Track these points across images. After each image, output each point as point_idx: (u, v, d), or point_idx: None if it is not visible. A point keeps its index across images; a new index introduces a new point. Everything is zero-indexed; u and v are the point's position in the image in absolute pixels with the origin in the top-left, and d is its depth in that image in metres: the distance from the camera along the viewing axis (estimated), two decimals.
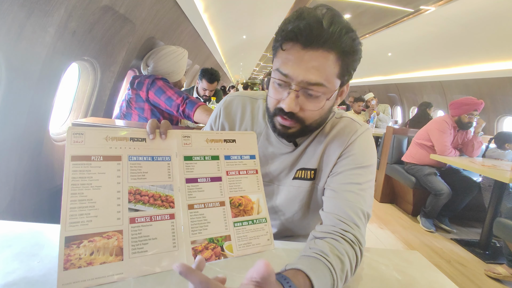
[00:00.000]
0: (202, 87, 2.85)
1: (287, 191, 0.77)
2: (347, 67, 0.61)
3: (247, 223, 0.65)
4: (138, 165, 0.59)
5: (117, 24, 1.75)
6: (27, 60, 1.19)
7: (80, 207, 0.52)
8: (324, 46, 0.57)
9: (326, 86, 0.60)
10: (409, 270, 0.67)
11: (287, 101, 0.62)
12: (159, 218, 0.57)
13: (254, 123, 0.79)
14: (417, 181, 2.90)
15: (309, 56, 0.57)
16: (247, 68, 17.73)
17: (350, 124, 0.74)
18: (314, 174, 0.75)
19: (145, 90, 1.76)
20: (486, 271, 2.11)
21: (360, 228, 0.63)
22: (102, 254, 0.51)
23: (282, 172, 0.77)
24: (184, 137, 0.65)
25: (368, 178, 0.69)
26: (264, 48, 9.48)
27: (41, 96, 1.35)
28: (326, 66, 0.58)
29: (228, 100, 0.82)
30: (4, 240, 0.61)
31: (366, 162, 0.70)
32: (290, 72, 0.59)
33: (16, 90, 1.20)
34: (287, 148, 0.76)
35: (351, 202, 0.65)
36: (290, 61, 0.59)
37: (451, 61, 4.72)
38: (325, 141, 0.73)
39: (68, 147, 0.54)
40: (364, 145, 0.71)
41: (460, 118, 2.78)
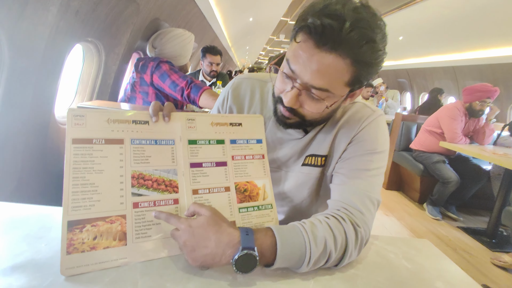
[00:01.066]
0: (208, 63, 2.78)
1: (296, 178, 0.75)
2: (359, 77, 0.56)
3: (253, 209, 0.63)
4: (141, 148, 0.57)
5: (121, 4, 1.70)
6: (30, 40, 1.17)
7: (82, 191, 0.51)
8: (339, 51, 0.51)
9: (331, 92, 0.56)
10: (418, 258, 0.66)
11: (287, 96, 0.59)
12: (163, 203, 0.56)
13: (263, 107, 0.77)
14: (425, 169, 2.86)
15: (320, 58, 0.52)
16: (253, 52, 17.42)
17: (362, 109, 0.71)
18: (324, 160, 0.73)
19: (150, 74, 1.73)
20: (492, 260, 2.10)
21: (364, 215, 0.61)
22: (106, 238, 0.51)
23: (291, 159, 0.75)
24: (188, 120, 0.63)
25: (378, 164, 0.67)
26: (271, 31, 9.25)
27: (45, 77, 1.34)
28: (335, 72, 0.53)
29: (236, 83, 0.79)
30: (12, 222, 0.61)
31: (377, 148, 0.67)
32: (297, 69, 0.55)
33: (20, 71, 1.18)
34: (297, 134, 0.73)
35: (357, 188, 0.63)
36: (300, 58, 0.54)
37: (465, 45, 4.54)
38: (336, 127, 0.71)
39: (69, 129, 0.53)
40: (376, 131, 0.69)
41: (472, 105, 2.69)
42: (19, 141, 1.31)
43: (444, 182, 2.64)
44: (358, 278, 0.56)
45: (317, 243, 0.53)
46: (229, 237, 0.50)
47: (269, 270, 0.54)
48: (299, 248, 0.52)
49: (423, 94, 6.61)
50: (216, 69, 2.83)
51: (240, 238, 0.50)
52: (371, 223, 0.62)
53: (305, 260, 0.52)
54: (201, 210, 0.54)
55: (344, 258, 0.56)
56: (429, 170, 2.82)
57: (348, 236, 0.56)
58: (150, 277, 0.49)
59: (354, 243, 0.57)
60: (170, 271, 0.51)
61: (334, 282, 0.54)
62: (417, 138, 3.04)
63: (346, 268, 0.58)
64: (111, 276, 0.49)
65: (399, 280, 0.57)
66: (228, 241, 0.50)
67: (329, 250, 0.54)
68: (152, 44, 1.96)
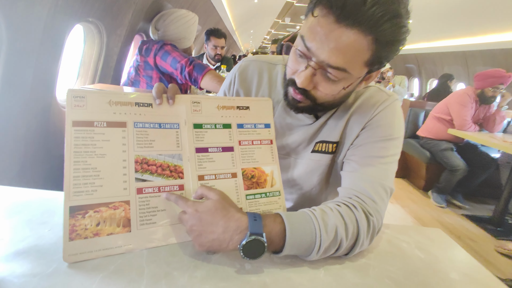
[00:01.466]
0: (212, 46, 2.71)
1: (305, 165, 0.72)
2: (380, 56, 0.52)
3: (260, 196, 0.62)
4: (144, 132, 0.55)
5: None
6: (28, 19, 1.13)
7: (84, 175, 0.49)
8: (360, 27, 0.47)
9: (348, 73, 0.52)
10: (431, 248, 0.64)
11: (301, 76, 0.55)
12: (168, 189, 0.55)
13: (271, 90, 0.73)
14: (432, 156, 2.82)
15: (340, 34, 0.48)
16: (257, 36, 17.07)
17: (376, 93, 0.68)
18: (335, 147, 0.70)
19: (153, 56, 1.70)
20: (496, 247, 2.09)
21: (377, 203, 0.58)
22: (109, 225, 0.50)
23: (301, 145, 0.72)
24: (193, 102, 0.60)
25: (393, 151, 0.64)
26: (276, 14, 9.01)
27: (45, 59, 1.30)
28: (355, 50, 0.50)
29: (244, 65, 0.75)
30: (14, 207, 0.60)
31: (392, 134, 0.64)
32: (314, 47, 0.51)
33: (19, 51, 1.14)
34: (307, 119, 0.70)
35: (370, 176, 0.61)
36: (317, 34, 0.50)
37: (477, 29, 4.37)
38: (348, 112, 0.68)
39: (69, 111, 0.50)
40: (391, 116, 0.66)
41: (484, 91, 2.61)
42: (21, 124, 1.29)
43: (452, 170, 2.61)
44: (370, 267, 0.54)
45: (328, 231, 0.51)
46: (237, 223, 0.48)
47: (277, 258, 0.53)
48: (309, 235, 0.50)
49: (432, 80, 6.45)
50: (221, 53, 2.76)
51: (248, 223, 0.48)
52: (384, 212, 0.60)
53: (314, 248, 0.50)
54: (209, 194, 0.52)
55: (355, 247, 0.54)
56: (436, 158, 2.78)
57: (360, 224, 0.54)
58: (157, 264, 0.48)
59: (366, 232, 0.55)
60: (177, 259, 0.50)
61: (345, 271, 0.53)
62: (424, 125, 2.98)
63: (357, 257, 0.57)
64: (116, 263, 0.47)
65: (412, 270, 0.55)
66: (236, 226, 0.48)
67: (340, 238, 0.52)
68: (155, 26, 1.90)
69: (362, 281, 0.50)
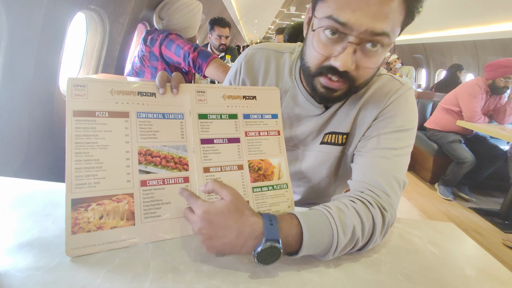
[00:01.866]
0: (216, 35, 2.67)
1: (314, 157, 0.70)
2: (413, 11, 0.51)
3: (267, 188, 0.60)
4: (148, 122, 0.53)
5: None
6: (28, 6, 1.10)
7: (86, 167, 0.48)
8: None
9: (390, 36, 0.50)
10: (444, 243, 0.62)
11: (342, 57, 0.51)
12: (172, 182, 0.53)
13: (279, 80, 0.70)
14: (439, 148, 2.78)
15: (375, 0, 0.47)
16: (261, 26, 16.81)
17: (389, 82, 0.65)
18: (345, 138, 0.67)
19: (158, 46, 1.67)
20: (504, 241, 2.07)
21: (391, 197, 0.56)
22: (113, 218, 0.48)
23: (309, 136, 0.70)
24: (198, 92, 0.58)
25: (406, 143, 0.61)
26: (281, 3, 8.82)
27: (47, 47, 1.28)
28: (394, 12, 0.48)
29: (250, 53, 0.72)
30: (17, 199, 0.59)
31: (406, 125, 0.62)
32: (352, 19, 0.48)
33: (20, 39, 1.12)
34: (316, 110, 0.67)
35: (383, 169, 0.58)
36: (350, 6, 0.48)
37: (489, 17, 4.24)
38: (360, 102, 0.65)
39: (69, 100, 0.48)
40: (404, 106, 0.63)
41: (495, 81, 2.54)
42: (23, 115, 1.28)
43: (459, 162, 2.57)
44: (382, 263, 0.53)
45: (345, 231, 0.49)
46: (251, 227, 0.44)
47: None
48: (326, 237, 0.48)
49: (440, 71, 6.32)
50: (226, 42, 2.71)
51: (264, 228, 0.45)
52: (397, 206, 0.58)
53: (331, 249, 0.48)
54: (222, 192, 0.48)
55: (369, 243, 0.53)
56: (443, 150, 2.74)
57: (375, 222, 0.52)
58: (163, 258, 0.47)
59: (380, 228, 0.53)
60: (183, 253, 0.49)
61: (357, 267, 0.51)
62: (432, 117, 2.93)
63: (369, 252, 0.55)
64: (121, 256, 0.46)
65: (426, 266, 0.53)
66: (251, 231, 0.44)
67: (357, 238, 0.50)
68: (159, 15, 1.86)
69: (374, 277, 0.48)
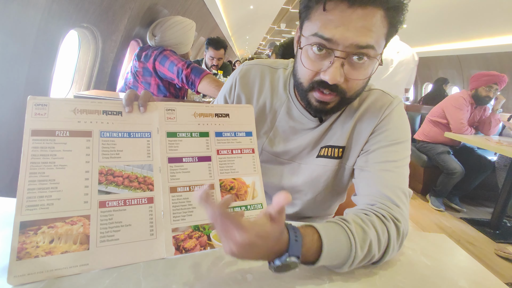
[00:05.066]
0: (209, 56, 2.74)
1: (311, 170, 0.71)
2: (395, 25, 0.54)
3: (240, 209, 0.57)
4: (111, 142, 0.52)
5: None
6: (21, 24, 1.11)
7: (40, 188, 0.45)
8: (374, 3, 0.50)
9: (375, 49, 0.53)
10: (437, 254, 0.62)
11: (331, 72, 0.53)
12: (134, 202, 0.50)
13: (274, 94, 0.72)
14: (429, 160, 2.83)
15: (359, 15, 0.50)
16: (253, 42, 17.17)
17: (382, 97, 0.67)
18: (342, 152, 0.68)
19: (152, 62, 1.70)
20: (496, 251, 2.08)
21: (401, 208, 0.57)
22: (64, 242, 0.45)
23: (305, 150, 0.70)
24: (167, 110, 0.57)
25: (405, 154, 0.63)
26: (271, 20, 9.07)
27: (38, 64, 1.28)
28: (375, 25, 0.51)
29: (245, 69, 0.74)
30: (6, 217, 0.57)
31: (402, 137, 0.64)
32: (336, 35, 0.51)
33: (11, 57, 1.12)
34: (311, 123, 0.68)
35: (388, 181, 0.59)
36: (334, 22, 0.51)
37: (471, 33, 4.44)
38: (355, 116, 0.66)
39: (28, 120, 0.47)
40: (398, 119, 0.65)
41: (478, 91, 2.63)
42: (13, 131, 1.26)
43: (449, 173, 2.61)
44: (377, 276, 0.52)
45: (363, 247, 0.49)
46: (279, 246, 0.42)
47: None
48: (345, 252, 0.48)
49: (426, 84, 6.52)
50: (217, 64, 2.77)
51: (289, 244, 0.43)
52: (408, 216, 0.59)
53: (347, 263, 0.48)
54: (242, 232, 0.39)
55: (384, 257, 0.53)
56: (433, 161, 2.79)
57: (390, 235, 0.53)
58: (155, 277, 0.46)
59: (395, 240, 0.53)
60: (176, 271, 0.48)
61: (351, 282, 0.50)
62: (421, 129, 2.99)
63: (362, 266, 0.55)
64: (111, 277, 0.45)
65: (420, 278, 0.53)
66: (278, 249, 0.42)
67: (373, 253, 0.50)
68: (152, 32, 1.90)
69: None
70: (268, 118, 0.72)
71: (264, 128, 0.73)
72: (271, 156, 0.73)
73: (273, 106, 0.71)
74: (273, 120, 0.72)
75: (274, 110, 0.71)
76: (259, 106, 0.72)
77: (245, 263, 0.51)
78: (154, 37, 1.87)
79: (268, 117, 0.72)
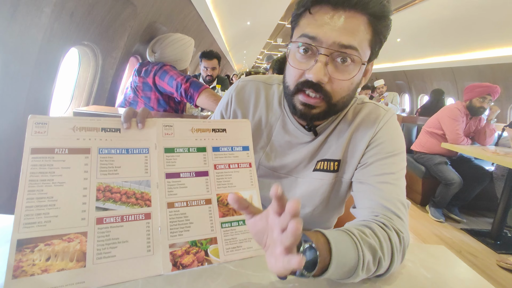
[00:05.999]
0: (203, 67, 2.79)
1: (308, 184, 0.71)
2: (378, 34, 0.57)
3: (237, 223, 0.57)
4: (109, 158, 0.52)
5: (117, 7, 1.67)
6: (23, 43, 1.13)
7: (38, 206, 0.46)
8: (356, 8, 0.53)
9: (358, 51, 0.55)
10: (437, 266, 0.62)
11: (315, 69, 0.55)
12: (132, 218, 0.50)
13: (269, 110, 0.73)
14: (427, 171, 2.83)
15: (341, 17, 0.53)
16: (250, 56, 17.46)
17: (375, 110, 0.68)
18: (338, 165, 0.69)
19: (152, 76, 1.73)
20: (498, 262, 2.06)
21: (402, 220, 0.58)
22: (61, 259, 0.45)
23: (301, 164, 0.71)
24: (165, 126, 0.57)
25: (401, 166, 0.64)
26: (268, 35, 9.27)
27: (39, 82, 1.30)
28: (358, 29, 0.54)
29: (241, 85, 0.76)
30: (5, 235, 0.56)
31: (397, 149, 0.65)
32: (320, 33, 0.54)
33: (13, 75, 1.14)
34: (306, 137, 0.70)
35: (388, 194, 0.60)
36: (320, 22, 0.54)
37: (464, 46, 4.55)
38: (349, 129, 0.68)
39: (28, 138, 0.48)
40: (392, 132, 0.66)
41: (472, 102, 2.67)
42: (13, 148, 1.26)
43: (447, 183, 2.62)
44: None
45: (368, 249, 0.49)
46: None
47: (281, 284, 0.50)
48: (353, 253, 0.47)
49: (422, 95, 6.61)
50: (211, 74, 2.82)
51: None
52: (408, 228, 0.59)
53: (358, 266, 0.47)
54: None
55: (391, 266, 0.52)
56: (431, 172, 2.80)
57: (393, 241, 0.53)
58: None
59: (399, 250, 0.54)
60: (174, 287, 0.47)
61: None
62: (418, 140, 3.01)
63: (362, 280, 0.54)
64: None
65: None
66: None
67: (379, 256, 0.50)
68: (151, 49, 1.94)
69: None
70: (264, 133, 0.73)
71: (260, 143, 0.74)
72: (268, 170, 0.73)
73: (268, 121, 0.73)
74: (269, 135, 0.73)
75: (270, 125, 0.73)
76: (255, 121, 0.73)
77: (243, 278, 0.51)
78: (153, 54, 1.91)
79: (264, 132, 0.73)
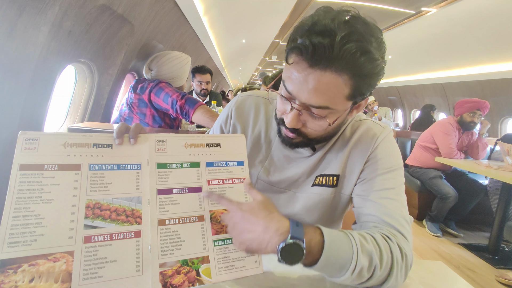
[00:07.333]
0: (197, 82, 2.81)
1: (306, 199, 0.71)
2: (360, 89, 0.54)
3: (230, 241, 0.55)
4: (100, 174, 0.51)
5: (115, 25, 1.70)
6: (19, 60, 1.14)
7: (23, 224, 0.44)
8: (334, 66, 0.49)
9: (332, 109, 0.55)
10: (435, 282, 0.61)
11: (288, 117, 0.58)
12: (121, 237, 0.48)
13: (268, 124, 0.74)
14: (422, 185, 2.84)
15: (315, 77, 0.51)
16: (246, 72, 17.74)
17: (372, 127, 0.70)
18: (336, 180, 0.69)
19: (148, 93, 1.73)
20: (497, 277, 2.04)
21: (407, 239, 0.57)
22: (45, 280, 0.43)
23: (300, 178, 0.71)
24: (158, 141, 0.56)
25: (401, 181, 0.65)
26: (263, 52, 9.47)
27: (34, 99, 1.30)
28: (333, 89, 0.52)
29: (240, 100, 0.77)
30: None
31: (396, 164, 0.66)
32: (294, 91, 0.55)
33: (8, 91, 1.14)
34: (305, 152, 0.70)
35: (390, 209, 0.60)
36: (295, 79, 0.53)
37: (453, 63, 4.70)
38: (348, 145, 0.69)
39: (17, 154, 0.47)
40: (389, 148, 0.67)
41: (462, 117, 2.72)
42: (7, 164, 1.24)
43: (442, 197, 2.62)
44: None
45: (364, 253, 0.49)
46: (278, 224, 0.48)
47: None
48: (347, 253, 0.49)
49: (414, 110, 6.74)
50: (206, 87, 2.84)
51: (290, 227, 0.47)
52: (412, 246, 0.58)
53: (350, 267, 0.48)
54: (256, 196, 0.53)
55: (388, 278, 0.51)
56: (426, 186, 2.80)
57: (394, 254, 0.52)
58: None
59: (400, 264, 0.53)
60: None
61: None
62: (412, 154, 3.04)
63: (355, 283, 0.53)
64: None
65: None
66: (277, 228, 0.47)
67: (374, 264, 0.49)
68: (148, 66, 1.96)
69: None
70: (263, 148, 0.74)
71: (259, 157, 0.74)
72: (267, 185, 0.73)
73: (268, 135, 0.73)
74: (268, 150, 0.73)
75: (269, 140, 0.73)
76: (254, 136, 0.74)
77: None
78: (150, 71, 1.93)
79: (263, 147, 0.74)
